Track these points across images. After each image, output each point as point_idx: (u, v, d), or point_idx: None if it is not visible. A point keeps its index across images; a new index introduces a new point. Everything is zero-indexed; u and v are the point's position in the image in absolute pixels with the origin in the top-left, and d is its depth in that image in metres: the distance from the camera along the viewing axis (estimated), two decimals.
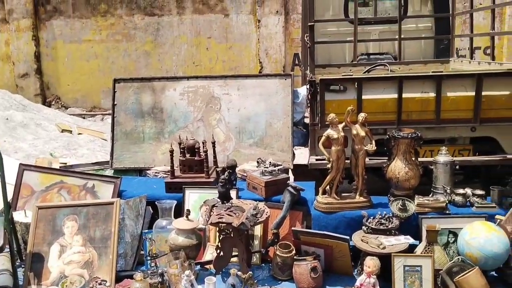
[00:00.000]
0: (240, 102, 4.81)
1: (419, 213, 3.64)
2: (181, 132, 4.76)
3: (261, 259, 3.73)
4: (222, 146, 4.73)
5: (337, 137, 3.64)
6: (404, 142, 3.67)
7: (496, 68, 4.79)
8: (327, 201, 3.74)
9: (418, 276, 3.23)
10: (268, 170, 4.01)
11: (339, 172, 3.71)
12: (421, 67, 6.13)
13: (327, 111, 4.04)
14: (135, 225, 3.77)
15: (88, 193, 4.12)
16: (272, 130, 4.71)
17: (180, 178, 4.16)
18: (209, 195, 3.91)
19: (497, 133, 4.18)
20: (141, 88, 4.98)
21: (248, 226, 3.40)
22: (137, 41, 9.80)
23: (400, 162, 3.71)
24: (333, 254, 3.52)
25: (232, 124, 4.80)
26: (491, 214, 3.55)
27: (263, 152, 4.63)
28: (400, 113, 4.11)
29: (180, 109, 4.90)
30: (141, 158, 4.85)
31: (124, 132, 4.92)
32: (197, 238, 3.62)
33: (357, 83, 4.10)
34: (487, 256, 3.17)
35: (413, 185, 3.75)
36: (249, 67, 9.62)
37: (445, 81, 4.06)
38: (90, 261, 3.49)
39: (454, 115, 4.11)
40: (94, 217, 3.63)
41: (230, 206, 3.56)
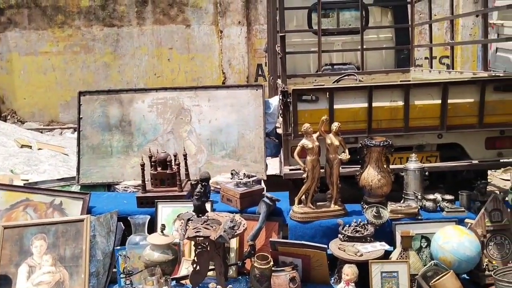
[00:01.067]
0: (211, 113, 4.78)
1: (393, 219, 3.71)
2: (150, 145, 4.68)
3: (238, 272, 3.70)
4: (194, 158, 4.68)
5: (312, 146, 3.67)
6: (376, 150, 3.75)
7: (461, 76, 4.99)
8: (303, 211, 3.76)
9: (395, 282, 3.29)
10: (243, 182, 4.00)
11: (314, 181, 3.74)
12: (383, 76, 6.31)
13: (300, 121, 4.08)
14: (107, 242, 3.67)
15: (56, 210, 3.97)
16: (245, 141, 4.71)
17: (152, 192, 4.09)
18: (182, 209, 3.85)
19: (462, 139, 4.34)
20: (107, 101, 4.87)
21: (226, 239, 3.36)
22: (96, 53, 9.59)
23: (372, 170, 3.79)
24: (310, 264, 3.53)
25: (203, 136, 4.76)
26: (461, 218, 3.67)
27: (235, 163, 4.61)
28: (371, 122, 4.20)
29: (149, 122, 4.82)
30: (109, 172, 4.73)
31: (90, 147, 4.79)
32: (172, 253, 3.55)
33: (329, 93, 4.17)
34: (460, 260, 3.27)
35: (386, 192, 3.83)
36: (212, 77, 9.59)
37: (412, 90, 4.18)
38: (61, 281, 3.37)
39: (421, 123, 4.24)
40: (64, 235, 3.51)
41: (206, 219, 3.52)
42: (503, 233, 3.51)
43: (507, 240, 3.51)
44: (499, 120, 4.26)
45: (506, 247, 3.51)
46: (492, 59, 5.78)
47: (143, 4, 9.47)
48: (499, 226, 3.51)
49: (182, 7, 9.44)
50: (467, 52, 9.26)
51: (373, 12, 6.68)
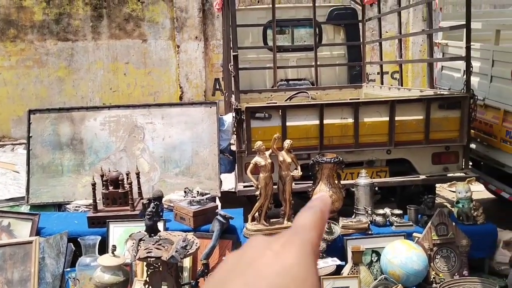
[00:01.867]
0: (165, 130, 4.75)
1: (344, 234, 3.79)
2: (102, 163, 4.60)
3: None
4: (147, 176, 4.64)
5: (265, 164, 3.71)
6: (327, 167, 3.83)
7: (407, 94, 5.17)
8: (256, 228, 3.79)
9: None
10: (196, 200, 3.99)
11: (267, 198, 3.77)
12: (336, 92, 6.45)
13: (253, 138, 4.12)
14: (57, 264, 3.59)
15: (4, 232, 3.85)
16: (199, 158, 4.70)
17: (104, 212, 4.02)
18: (135, 228, 3.80)
19: (410, 155, 4.49)
20: (58, 119, 4.77)
21: (178, 259, 3.33)
22: (49, 67, 9.36)
23: (324, 186, 3.86)
24: None
25: (156, 154, 4.73)
26: (409, 232, 3.79)
27: (189, 181, 4.60)
28: (322, 139, 4.28)
29: (101, 140, 4.74)
30: (60, 192, 4.62)
31: (40, 166, 4.67)
32: (124, 274, 3.50)
33: (281, 110, 4.23)
34: (408, 274, 3.37)
35: (337, 207, 3.91)
36: (169, 92, 9.53)
37: (361, 108, 4.30)
38: None
39: (371, 139, 4.36)
40: (12, 257, 3.42)
41: (158, 239, 3.48)
42: (449, 246, 3.65)
43: (452, 253, 3.64)
44: (444, 137, 4.43)
45: (452, 259, 3.64)
46: (438, 76, 6.03)
47: (98, 18, 9.35)
48: (445, 239, 3.64)
49: (139, 22, 9.37)
50: (417, 68, 9.58)
51: (326, 29, 6.84)
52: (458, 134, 4.42)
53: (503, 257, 3.86)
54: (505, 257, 3.85)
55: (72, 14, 9.31)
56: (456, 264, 3.63)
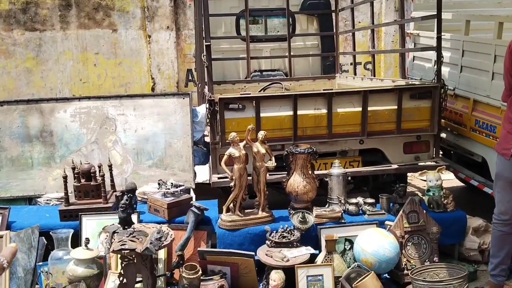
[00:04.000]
0: (137, 122, 4.70)
1: (318, 224, 3.84)
2: (74, 156, 4.52)
3: (167, 283, 3.67)
4: (120, 168, 4.58)
5: (239, 155, 3.72)
6: (301, 157, 3.86)
7: (379, 85, 5.23)
8: (231, 219, 3.80)
9: (320, 285, 3.41)
10: (170, 192, 3.97)
11: (242, 189, 3.78)
12: (310, 83, 6.48)
13: (227, 130, 4.11)
14: (28, 258, 3.55)
15: None
16: (172, 150, 4.66)
17: (76, 205, 3.97)
18: (108, 221, 3.76)
19: (382, 144, 4.54)
20: (27, 111, 4.65)
21: (153, 251, 3.32)
22: (17, 58, 9.08)
23: (298, 176, 3.89)
24: (239, 271, 3.57)
25: (129, 146, 4.67)
26: (381, 221, 3.86)
27: (163, 173, 4.57)
28: (296, 129, 4.30)
29: (72, 132, 4.66)
30: (30, 185, 4.52)
31: (9, 159, 4.56)
32: (97, 267, 3.47)
33: (255, 101, 4.22)
34: (380, 261, 3.43)
35: (311, 197, 3.94)
36: (141, 83, 9.38)
37: (335, 98, 4.33)
38: None
39: (344, 130, 4.40)
40: None
41: (132, 232, 3.45)
42: (419, 233, 3.73)
43: (423, 240, 3.72)
44: (415, 126, 4.51)
45: (422, 246, 3.72)
46: (410, 67, 6.11)
47: (66, 7, 9.11)
48: (416, 227, 3.72)
49: (108, 11, 9.17)
50: (390, 58, 9.68)
51: (300, 19, 6.83)
52: (429, 124, 4.50)
53: (472, 243, 3.97)
54: (474, 243, 3.96)
55: (39, 3, 9.05)
56: (427, 251, 3.71)
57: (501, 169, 3.34)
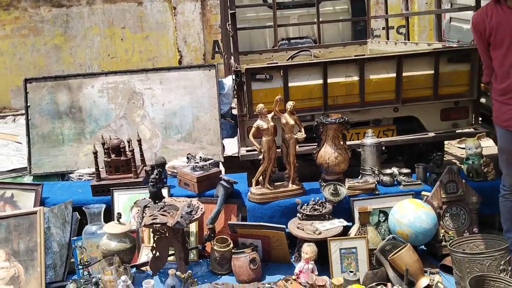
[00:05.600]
0: (164, 96, 4.66)
1: (351, 196, 3.74)
2: (103, 131, 4.54)
3: (199, 255, 3.68)
4: (149, 143, 4.57)
5: (267, 127, 3.63)
6: (332, 128, 3.74)
7: (414, 49, 5.00)
8: (260, 192, 3.74)
9: (354, 258, 3.33)
10: (199, 165, 3.94)
11: (271, 162, 3.71)
12: (340, 49, 6.29)
13: (255, 101, 4.02)
14: (62, 233, 3.60)
15: (7, 204, 3.86)
16: (200, 123, 4.62)
17: (107, 180, 3.99)
18: (139, 196, 3.78)
19: (418, 112, 4.37)
20: (55, 87, 4.67)
21: (183, 225, 3.31)
22: (45, 35, 9.16)
23: (329, 148, 3.78)
24: (270, 244, 3.53)
25: (157, 120, 4.65)
26: (417, 191, 3.72)
27: (192, 146, 4.54)
28: (326, 99, 4.17)
29: (100, 107, 4.66)
30: (62, 161, 4.57)
31: (41, 135, 4.60)
32: (130, 241, 3.50)
33: (283, 70, 4.10)
34: (417, 233, 3.32)
35: (343, 169, 3.84)
36: (168, 56, 9.34)
37: (367, 64, 4.16)
38: (16, 276, 3.28)
39: (377, 97, 4.24)
40: (16, 229, 3.41)
41: (163, 206, 3.46)
42: (458, 204, 3.58)
43: (462, 211, 3.58)
44: (453, 91, 4.31)
45: (461, 217, 3.58)
46: (447, 29, 5.83)
47: None
48: (454, 197, 3.57)
49: None
50: (424, 21, 9.30)
51: None
52: (467, 89, 4.28)
53: None
54: None
55: None
56: (466, 221, 3.57)
57: (503, 143, 3.22)
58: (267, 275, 3.44)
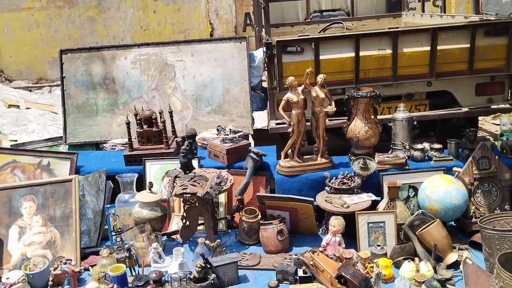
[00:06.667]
0: (195, 68, 4.68)
1: (380, 170, 3.71)
2: (135, 102, 4.61)
3: (227, 225, 3.74)
4: (180, 115, 4.63)
5: (297, 100, 3.61)
6: (363, 101, 3.69)
7: (451, 21, 4.85)
8: (289, 165, 3.75)
9: (381, 232, 3.32)
10: (229, 137, 3.97)
11: (300, 135, 3.70)
12: (374, 22, 6.15)
13: (285, 74, 4.00)
14: (96, 201, 3.69)
15: (44, 171, 3.96)
16: (230, 96, 4.63)
17: (139, 150, 4.06)
18: (170, 166, 3.85)
19: (452, 86, 4.27)
20: (90, 58, 4.75)
21: (213, 195, 3.37)
22: (80, 7, 9.29)
23: (359, 122, 3.74)
24: (298, 216, 3.56)
25: (188, 92, 4.68)
26: (449, 167, 3.66)
27: (222, 119, 4.57)
28: (358, 72, 4.11)
29: (133, 79, 4.73)
30: (96, 131, 4.68)
31: (76, 106, 4.72)
32: (161, 210, 3.59)
33: (314, 43, 4.05)
34: (447, 208, 3.29)
35: (373, 143, 3.80)
36: (200, 29, 9.34)
37: (401, 37, 4.07)
38: (53, 240, 3.41)
39: (410, 71, 4.16)
40: (53, 195, 3.53)
41: (193, 176, 3.51)
42: (490, 180, 3.52)
43: (494, 187, 3.52)
44: (489, 66, 4.18)
45: (493, 194, 3.52)
46: (484, 1, 5.61)
47: None
48: (486, 173, 3.51)
49: None
50: None
51: None
52: (504, 63, 4.15)
53: None
54: None
55: None
56: (497, 198, 3.51)
57: None
58: (294, 247, 3.47)
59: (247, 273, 3.19)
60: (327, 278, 2.90)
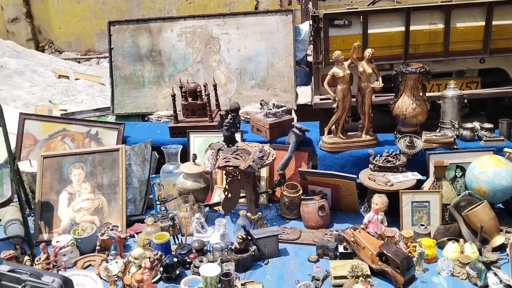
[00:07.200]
0: (240, 41, 4.66)
1: (427, 149, 3.62)
2: (181, 75, 4.65)
3: (268, 199, 3.77)
4: (224, 88, 4.64)
5: (343, 75, 3.55)
6: (412, 78, 3.59)
7: None
8: (333, 141, 3.71)
9: (426, 211, 3.26)
10: (272, 112, 3.96)
11: (345, 111, 3.65)
12: None
13: (332, 48, 3.94)
14: (142, 170, 3.78)
15: (92, 140, 4.10)
16: (274, 70, 4.60)
17: (184, 123, 4.12)
18: (213, 139, 3.89)
19: (506, 64, 4.08)
20: (137, 30, 4.81)
21: (255, 169, 3.39)
22: None
23: (407, 98, 3.65)
24: (340, 193, 3.54)
25: (232, 65, 4.68)
26: (499, 148, 3.54)
27: (265, 93, 4.55)
28: (408, 47, 3.99)
29: (178, 51, 4.76)
30: (143, 103, 4.77)
31: (123, 77, 4.81)
32: (204, 181, 3.64)
33: (363, 16, 3.94)
34: (495, 190, 3.18)
35: (421, 121, 3.71)
36: (245, 2, 9.27)
37: (454, 11, 3.91)
38: (100, 207, 3.54)
39: (463, 47, 4.00)
40: (101, 164, 3.64)
41: (236, 149, 3.54)
42: None
43: None
44: None
45: None
46: None
47: None
48: None
49: None
50: None
51: None
52: None
53: None
54: None
55: None
56: None
57: None
58: (335, 223, 3.47)
59: (287, 246, 3.22)
60: (368, 255, 2.89)
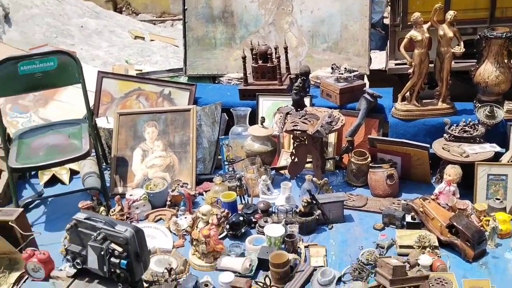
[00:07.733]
0: (313, 2, 4.51)
1: (508, 120, 3.42)
2: (252, 37, 4.62)
3: (335, 166, 3.74)
4: (295, 51, 4.56)
5: (421, 38, 3.39)
6: (497, 43, 3.36)
7: None
8: (406, 108, 3.59)
9: (502, 185, 3.12)
10: (344, 77, 3.87)
11: (421, 77, 3.50)
12: None
13: (410, 10, 3.76)
14: (212, 131, 3.87)
15: (165, 100, 4.22)
16: (348, 33, 4.44)
17: (253, 85, 4.13)
18: (282, 103, 3.88)
19: None
20: None
21: (323, 134, 3.36)
22: None
23: (490, 65, 3.43)
24: (411, 162, 3.44)
25: (304, 28, 4.57)
26: None
27: (337, 57, 4.42)
28: (494, 10, 3.72)
29: (251, 13, 4.71)
30: (214, 64, 4.81)
31: (196, 38, 4.85)
32: (272, 144, 3.67)
33: None
34: None
35: (504, 90, 3.49)
36: None
37: None
38: (171, 165, 3.68)
39: None
40: (173, 123, 3.77)
41: (304, 114, 3.52)
42: None
43: None
44: None
45: None
46: None
47: None
48: None
49: None
50: None
51: None
52: None
53: None
54: None
55: None
56: None
57: None
58: (403, 193, 3.40)
59: (352, 213, 3.21)
60: (437, 227, 2.81)
